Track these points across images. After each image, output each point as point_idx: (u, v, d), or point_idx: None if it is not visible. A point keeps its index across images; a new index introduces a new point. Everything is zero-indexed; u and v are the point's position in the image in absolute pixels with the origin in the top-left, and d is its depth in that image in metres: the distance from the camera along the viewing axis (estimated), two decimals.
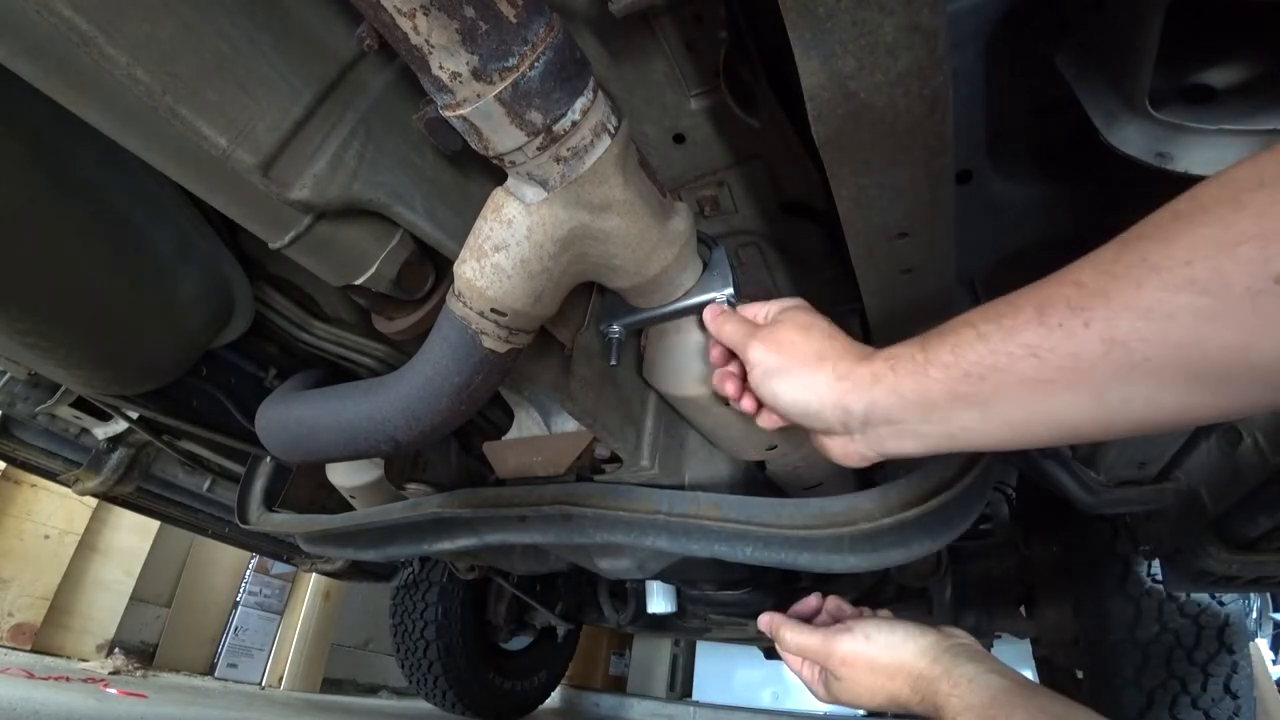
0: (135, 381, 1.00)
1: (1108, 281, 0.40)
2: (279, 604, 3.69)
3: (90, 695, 2.10)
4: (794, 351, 0.59)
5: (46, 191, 0.71)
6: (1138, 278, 0.38)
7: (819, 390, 0.56)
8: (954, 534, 0.89)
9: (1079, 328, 0.40)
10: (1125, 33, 0.58)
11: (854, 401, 0.54)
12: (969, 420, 0.48)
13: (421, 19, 0.43)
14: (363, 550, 1.35)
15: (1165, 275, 0.37)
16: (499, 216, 0.56)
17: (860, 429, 0.55)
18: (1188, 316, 0.36)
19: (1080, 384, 0.41)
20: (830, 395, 0.55)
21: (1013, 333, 0.44)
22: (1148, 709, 1.57)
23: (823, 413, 0.56)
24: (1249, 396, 0.38)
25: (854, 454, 0.58)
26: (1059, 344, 0.41)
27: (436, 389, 0.62)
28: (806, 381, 0.57)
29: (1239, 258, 0.34)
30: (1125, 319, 0.38)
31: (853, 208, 0.64)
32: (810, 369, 0.57)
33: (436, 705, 2.70)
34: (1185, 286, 0.36)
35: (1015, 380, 0.44)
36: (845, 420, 0.55)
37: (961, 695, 0.62)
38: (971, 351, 0.46)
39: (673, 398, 0.95)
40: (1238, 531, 1.03)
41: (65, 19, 0.43)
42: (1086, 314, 0.40)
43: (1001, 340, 0.44)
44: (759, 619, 0.84)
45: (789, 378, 0.58)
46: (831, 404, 0.55)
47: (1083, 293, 0.41)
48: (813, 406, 0.56)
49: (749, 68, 0.72)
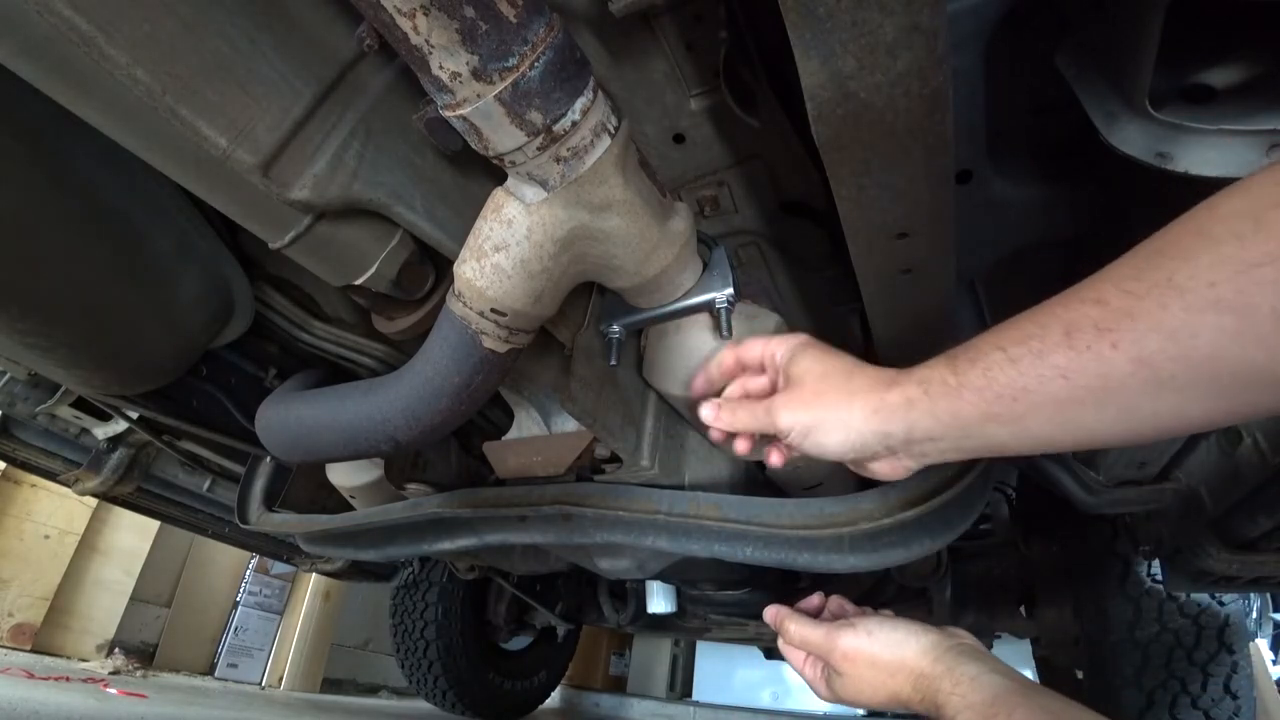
0: (135, 381, 1.00)
1: (1132, 303, 0.41)
2: (279, 604, 3.68)
3: (90, 695, 2.10)
4: (822, 402, 0.60)
5: (46, 191, 0.71)
6: (1161, 299, 0.39)
7: (858, 427, 0.57)
8: (954, 534, 0.89)
9: (1107, 349, 0.42)
10: (1125, 33, 0.58)
11: (893, 427, 0.56)
12: (1004, 436, 0.50)
13: (421, 19, 0.43)
14: (363, 550, 1.35)
15: (1190, 297, 0.38)
16: (499, 216, 0.56)
17: (903, 447, 0.57)
18: (1213, 335, 0.37)
19: (1109, 402, 0.43)
20: (869, 428, 0.57)
21: (1042, 356, 0.45)
22: (1148, 709, 1.57)
23: (867, 446, 0.58)
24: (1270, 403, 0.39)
25: (901, 469, 0.60)
26: (1088, 365, 0.43)
27: (436, 389, 0.62)
28: (844, 423, 0.58)
29: (1262, 279, 0.35)
30: (1153, 340, 0.40)
31: (853, 208, 0.64)
32: (844, 410, 0.59)
33: (436, 705, 2.70)
34: (1210, 308, 0.37)
35: (1046, 400, 0.46)
36: (888, 444, 0.57)
37: (963, 694, 0.62)
38: (1003, 374, 0.47)
39: (673, 398, 0.95)
40: (1238, 531, 1.03)
41: (65, 19, 0.43)
42: (1113, 335, 0.41)
43: (1031, 364, 0.46)
44: (765, 611, 0.85)
45: (827, 428, 0.59)
46: (872, 434, 0.57)
47: (1107, 313, 0.42)
48: (857, 444, 0.58)
49: (749, 68, 0.72)
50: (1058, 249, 0.93)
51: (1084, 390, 0.43)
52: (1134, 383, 0.41)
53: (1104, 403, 0.43)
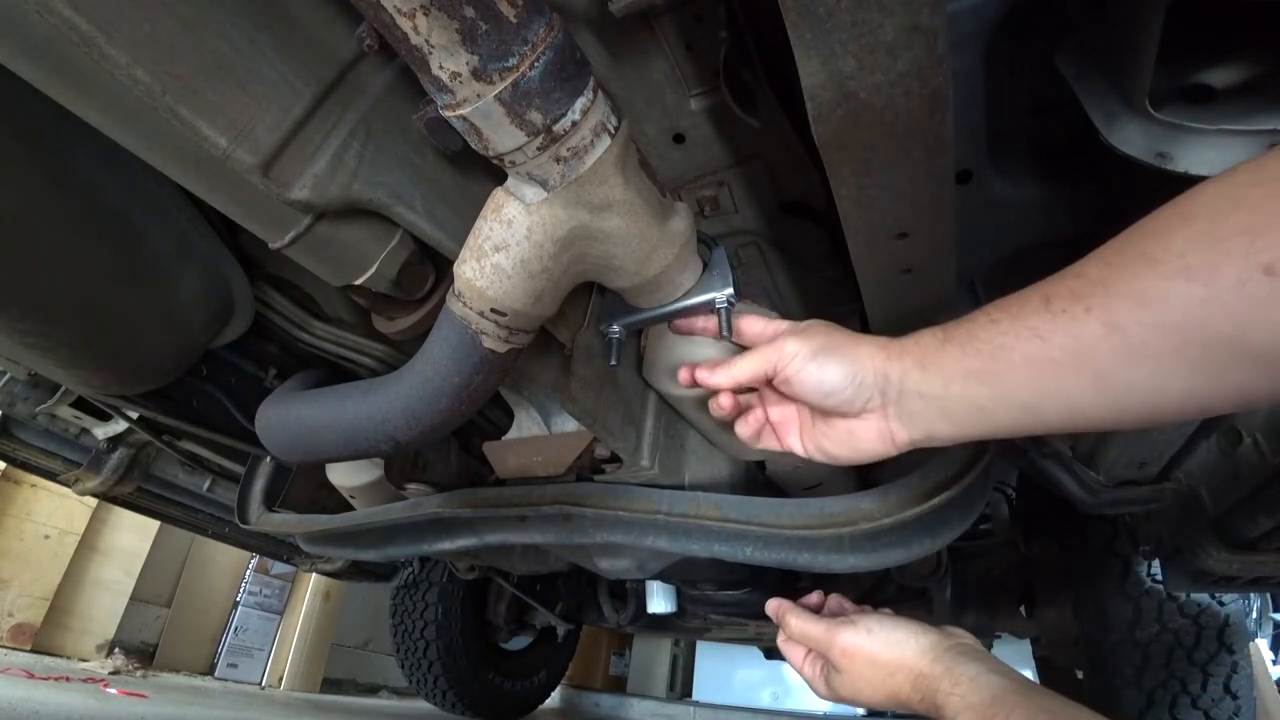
0: (135, 381, 1.00)
1: (1108, 272, 0.43)
2: (279, 604, 3.68)
3: (90, 695, 2.10)
4: (831, 334, 0.62)
5: (46, 191, 0.71)
6: (1135, 269, 0.41)
7: (862, 358, 0.58)
8: (954, 534, 0.89)
9: (1080, 312, 0.43)
10: (1125, 33, 0.58)
11: (891, 369, 0.56)
12: (984, 398, 0.50)
13: (421, 19, 0.43)
14: (363, 550, 1.35)
15: (1161, 266, 0.39)
16: (499, 216, 0.56)
17: (896, 400, 0.57)
18: (1181, 302, 0.39)
19: (1083, 366, 0.44)
20: (871, 363, 0.57)
21: (1020, 318, 0.47)
22: (1148, 709, 1.57)
23: (866, 379, 0.58)
24: (1253, 384, 0.39)
25: (887, 435, 0.59)
26: (1062, 326, 0.44)
27: (436, 389, 0.62)
28: (851, 353, 0.59)
29: (1230, 250, 0.36)
30: (1123, 305, 0.41)
31: (853, 208, 0.64)
32: (851, 343, 0.60)
33: (436, 705, 2.70)
34: (1179, 275, 0.38)
35: (1021, 358, 0.47)
36: (884, 388, 0.57)
37: (962, 694, 0.62)
38: (983, 332, 0.50)
39: (673, 398, 0.95)
40: (1238, 531, 1.03)
41: (65, 19, 0.43)
42: (1087, 300, 0.43)
43: (1010, 324, 0.48)
44: (767, 604, 0.85)
45: (835, 354, 0.59)
46: (873, 370, 0.57)
47: (1085, 282, 0.44)
48: (857, 378, 0.58)
49: (749, 68, 0.72)
50: (1058, 249, 0.93)
51: (1059, 350, 0.45)
52: (1106, 347, 0.42)
53: (1079, 367, 0.44)
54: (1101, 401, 0.45)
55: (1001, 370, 0.48)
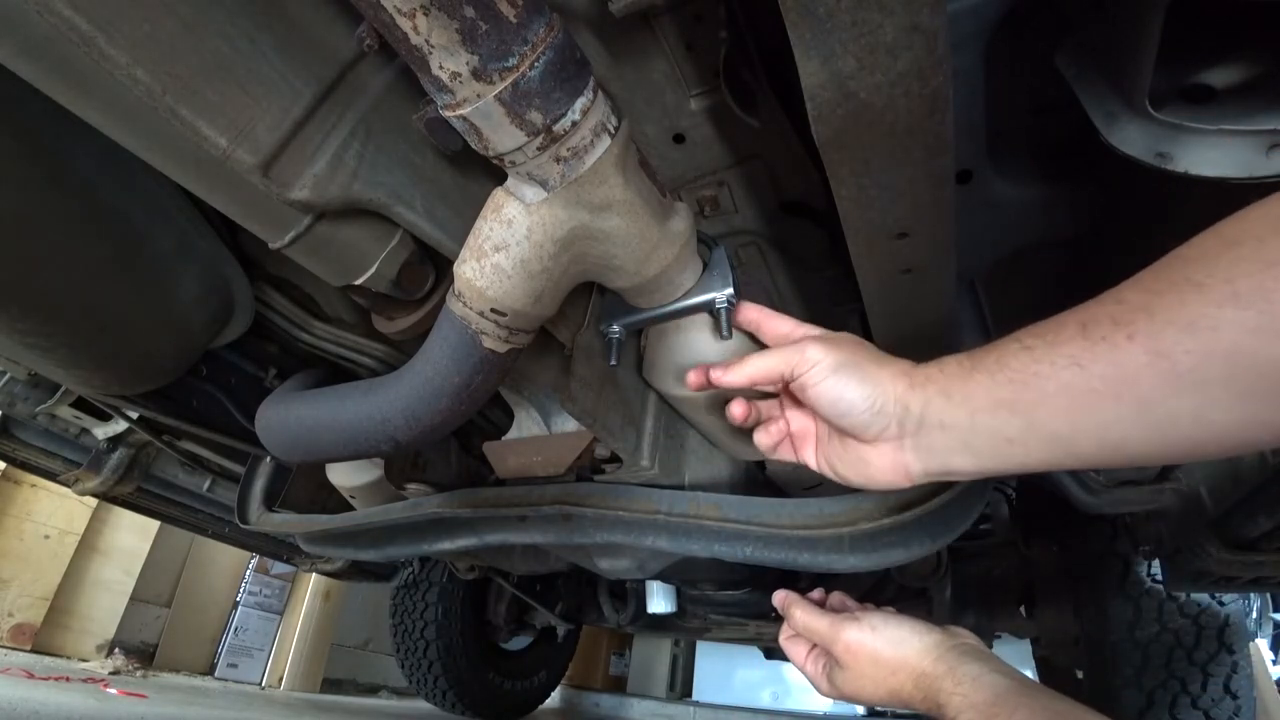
0: (135, 381, 1.00)
1: (1151, 299, 0.40)
2: (279, 604, 3.68)
3: (90, 695, 2.10)
4: (857, 350, 0.59)
5: (46, 192, 0.71)
6: (1180, 294, 0.39)
7: (884, 384, 0.56)
8: (954, 534, 0.89)
9: (1122, 340, 0.41)
10: (1125, 33, 0.58)
11: (913, 399, 0.54)
12: (1014, 429, 0.48)
13: (421, 19, 0.43)
14: (363, 550, 1.35)
15: (1208, 291, 0.38)
16: (499, 216, 0.56)
17: (914, 431, 0.54)
18: (1232, 330, 0.37)
19: (1124, 395, 0.42)
20: (894, 389, 0.55)
21: (1055, 345, 0.45)
22: (1148, 709, 1.57)
23: (886, 407, 0.55)
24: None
25: (901, 467, 0.56)
26: (1102, 354, 0.42)
27: (436, 389, 0.62)
28: (874, 376, 0.56)
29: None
30: (1169, 332, 0.39)
31: (853, 208, 0.64)
32: (876, 365, 0.57)
33: (436, 705, 2.70)
34: (1229, 301, 0.37)
35: (1057, 388, 0.44)
36: (903, 419, 0.55)
37: (965, 694, 0.62)
38: (1015, 360, 0.47)
39: (673, 398, 0.95)
40: (1238, 531, 1.03)
41: (65, 19, 0.43)
42: (1130, 328, 0.41)
43: (1045, 351, 0.45)
44: (774, 595, 0.84)
45: (858, 373, 0.57)
46: (894, 398, 0.55)
47: (1125, 309, 0.42)
48: (879, 401, 0.55)
49: (749, 68, 0.72)
50: (1058, 249, 0.93)
51: (1098, 379, 0.42)
52: (1150, 374, 0.40)
53: (1120, 395, 0.42)
54: (1142, 433, 0.43)
55: (1035, 400, 0.46)
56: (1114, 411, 0.43)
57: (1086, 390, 0.43)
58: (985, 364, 0.49)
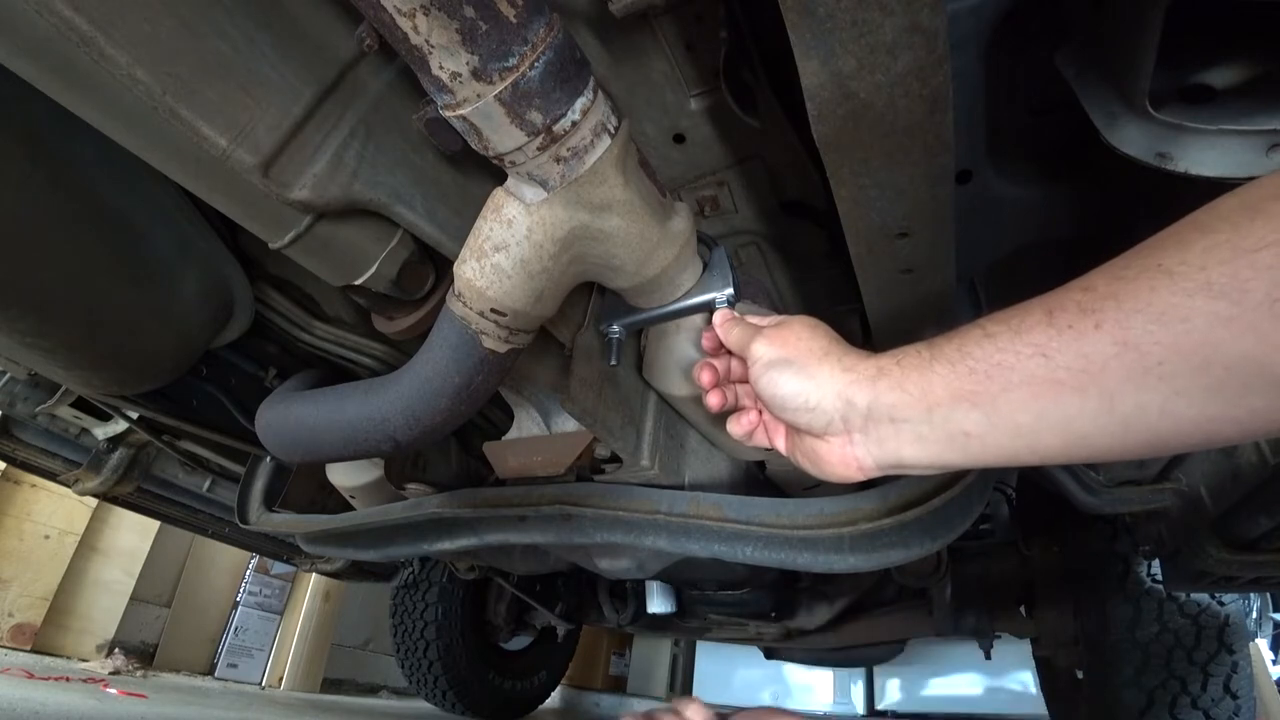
0: (135, 381, 1.00)
1: (1120, 286, 0.39)
2: (279, 604, 3.68)
3: (90, 695, 2.10)
4: (799, 345, 0.57)
5: (46, 191, 0.71)
6: (1151, 282, 0.37)
7: (821, 380, 0.54)
8: (954, 534, 0.89)
9: (1089, 329, 0.39)
10: (1125, 33, 0.58)
11: (857, 394, 0.52)
12: (973, 423, 0.45)
13: (421, 19, 0.43)
14: (363, 550, 1.35)
15: (1180, 280, 0.36)
16: (499, 216, 0.56)
17: (861, 426, 0.52)
18: (1203, 321, 0.35)
19: (1090, 386, 0.40)
20: (833, 385, 0.53)
21: (1020, 333, 0.43)
22: (1148, 709, 1.57)
23: (824, 403, 0.53)
24: (1272, 411, 0.36)
25: (851, 461, 0.55)
26: (1069, 343, 0.40)
27: (436, 389, 0.62)
28: (810, 371, 0.55)
29: (1257, 264, 0.33)
30: (1138, 321, 0.37)
31: (853, 208, 0.64)
32: (815, 360, 0.55)
33: (436, 705, 2.70)
34: (1201, 291, 0.35)
35: (1021, 378, 0.42)
36: (846, 414, 0.53)
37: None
38: (978, 348, 0.45)
39: (673, 398, 0.95)
40: (1238, 531, 1.03)
41: (65, 19, 0.44)
42: (1097, 316, 0.39)
43: (1009, 340, 0.43)
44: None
45: (791, 368, 0.56)
46: (834, 394, 0.53)
47: (1093, 296, 0.40)
48: (814, 397, 0.54)
49: (749, 68, 0.72)
50: (1057, 248, 0.93)
51: (1064, 370, 0.40)
52: (1118, 365, 0.38)
53: (1085, 387, 0.40)
54: (1106, 426, 0.41)
55: (997, 392, 0.44)
56: (1077, 403, 0.41)
57: (1051, 381, 0.41)
58: (945, 353, 0.47)
